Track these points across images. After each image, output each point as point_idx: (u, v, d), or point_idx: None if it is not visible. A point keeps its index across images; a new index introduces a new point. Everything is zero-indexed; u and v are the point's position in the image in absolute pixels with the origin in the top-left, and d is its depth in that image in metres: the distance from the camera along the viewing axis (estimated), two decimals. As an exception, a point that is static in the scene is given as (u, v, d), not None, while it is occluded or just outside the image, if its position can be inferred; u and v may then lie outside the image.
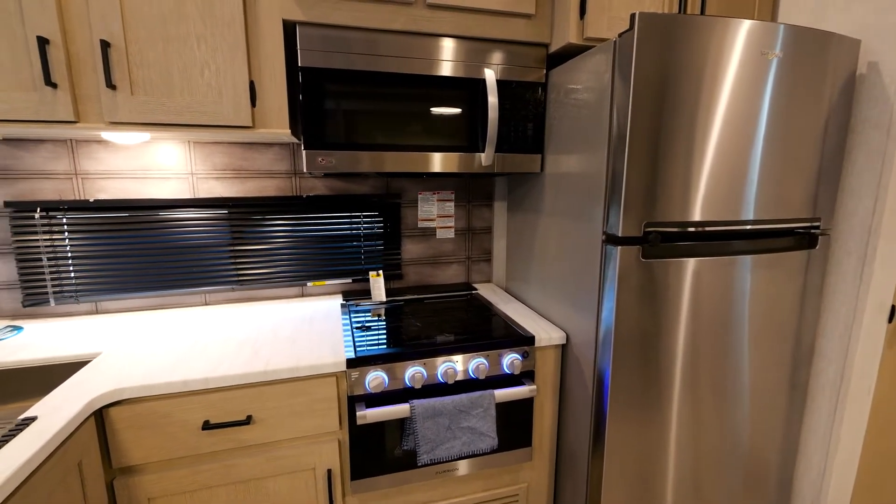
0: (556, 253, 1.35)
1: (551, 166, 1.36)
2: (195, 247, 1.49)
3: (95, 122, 1.04)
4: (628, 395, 1.16)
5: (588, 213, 1.17)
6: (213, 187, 1.49)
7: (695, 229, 1.11)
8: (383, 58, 1.21)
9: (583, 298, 1.21)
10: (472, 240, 1.81)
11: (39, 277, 1.37)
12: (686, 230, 1.10)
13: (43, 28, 0.96)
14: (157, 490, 1.02)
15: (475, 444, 1.18)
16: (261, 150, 1.51)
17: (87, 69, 1.01)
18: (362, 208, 1.65)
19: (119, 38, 1.01)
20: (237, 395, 1.04)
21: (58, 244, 1.37)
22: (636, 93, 0.99)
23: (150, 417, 0.99)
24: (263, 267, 1.58)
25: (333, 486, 1.15)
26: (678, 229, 1.09)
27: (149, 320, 1.39)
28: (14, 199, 1.33)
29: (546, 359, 1.30)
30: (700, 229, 1.11)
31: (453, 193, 1.76)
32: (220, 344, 1.19)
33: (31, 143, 1.32)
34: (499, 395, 1.19)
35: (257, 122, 1.15)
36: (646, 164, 1.03)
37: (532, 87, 1.35)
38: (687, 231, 1.10)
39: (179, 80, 1.07)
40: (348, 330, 1.29)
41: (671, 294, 1.12)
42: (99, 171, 1.38)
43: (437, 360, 1.18)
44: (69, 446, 0.85)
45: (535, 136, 1.38)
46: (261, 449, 1.09)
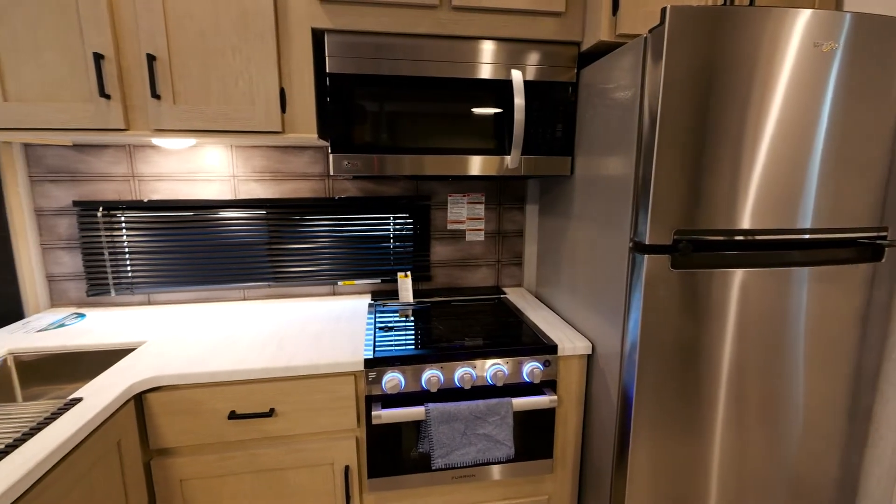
0: (585, 259, 1.30)
1: (581, 169, 1.31)
2: (236, 245, 1.59)
3: (143, 129, 1.13)
4: (658, 412, 1.10)
5: (616, 218, 1.12)
6: (252, 189, 1.58)
7: (742, 238, 1.02)
8: (409, 62, 1.22)
9: (609, 308, 1.16)
10: (503, 243, 1.79)
11: (101, 270, 1.52)
12: (731, 239, 1.02)
13: (98, 45, 1.06)
14: (188, 472, 1.09)
15: (491, 452, 1.16)
16: (296, 154, 1.57)
17: (136, 81, 1.10)
18: (392, 210, 1.67)
19: (163, 52, 1.09)
20: (261, 388, 1.09)
21: (116, 240, 1.51)
22: (667, 92, 0.93)
23: (184, 404, 1.06)
24: (297, 265, 1.64)
25: (351, 482, 1.18)
26: (722, 238, 1.02)
27: (192, 312, 1.49)
28: (81, 199, 1.47)
29: (570, 369, 1.26)
30: (748, 238, 1.03)
31: (483, 196, 1.74)
32: (251, 338, 1.25)
33: (96, 148, 1.46)
34: (517, 404, 1.17)
35: (287, 128, 1.20)
36: (679, 167, 0.97)
37: (562, 87, 1.30)
38: (732, 240, 1.02)
39: (216, 90, 1.14)
40: (371, 330, 1.32)
41: (712, 307, 1.04)
42: (153, 173, 1.51)
43: (454, 365, 1.17)
44: (109, 426, 0.93)
45: (564, 137, 1.34)
46: (283, 441, 1.14)
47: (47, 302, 1.52)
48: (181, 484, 1.10)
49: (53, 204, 1.47)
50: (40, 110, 1.07)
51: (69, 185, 1.47)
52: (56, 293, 1.52)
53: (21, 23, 1.03)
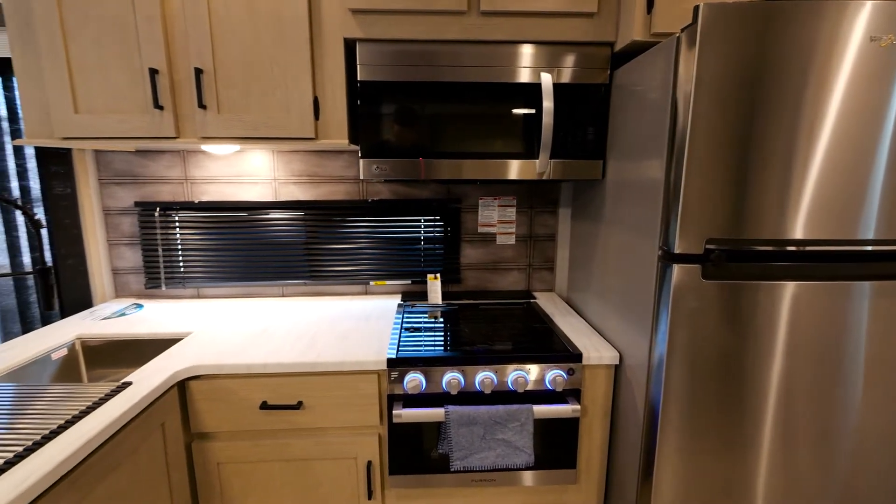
0: (615, 266, 1.26)
1: (613, 173, 1.27)
2: (276, 244, 1.68)
3: (191, 136, 1.23)
4: (689, 428, 1.05)
5: (646, 225, 1.07)
6: (292, 191, 1.66)
7: (795, 248, 0.96)
8: (438, 68, 1.24)
9: (638, 318, 1.12)
10: (535, 247, 1.76)
11: (157, 265, 1.66)
12: (782, 249, 0.95)
13: (154, 61, 1.16)
14: (224, 456, 1.18)
15: (510, 458, 1.16)
16: (332, 158, 1.64)
17: (185, 93, 1.20)
18: (423, 212, 1.70)
19: (209, 66, 1.18)
20: (290, 382, 1.15)
21: (170, 238, 1.64)
22: (700, 93, 0.88)
23: (221, 393, 1.14)
24: (332, 265, 1.71)
25: (373, 477, 1.22)
26: (769, 248, 0.95)
27: (234, 307, 1.59)
28: (141, 200, 1.62)
29: (596, 378, 1.23)
30: (799, 248, 0.96)
31: (514, 199, 1.73)
32: (285, 333, 1.32)
33: (155, 153, 1.60)
34: (538, 411, 1.15)
35: (320, 134, 1.26)
36: (714, 172, 0.92)
37: (594, 89, 1.27)
38: (781, 251, 0.96)
39: (255, 99, 1.21)
40: (397, 330, 1.35)
41: (756, 322, 0.98)
42: (203, 176, 1.62)
43: (476, 369, 1.18)
44: (154, 409, 1.01)
45: (596, 141, 1.30)
46: (310, 433, 1.20)
47: (112, 292, 1.68)
48: (218, 467, 1.18)
49: (118, 204, 1.62)
50: (105, 121, 1.19)
51: (132, 187, 1.61)
52: (119, 285, 1.68)
53: (89, 43, 1.15)
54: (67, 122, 1.18)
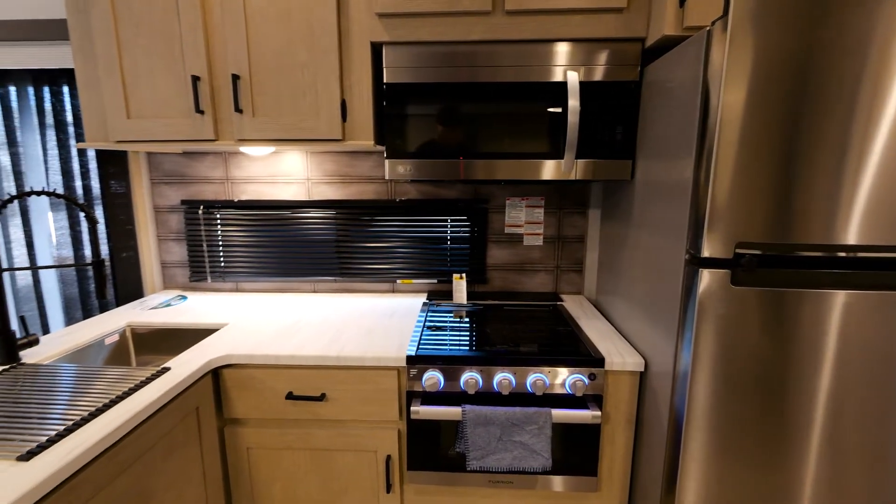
0: (643, 270, 1.22)
1: (642, 174, 1.23)
2: (309, 241, 1.74)
3: (228, 139, 1.31)
4: (716, 443, 1.00)
5: (673, 227, 1.03)
6: (323, 191, 1.72)
7: (846, 255, 0.89)
8: (463, 69, 1.24)
9: (664, 325, 1.08)
10: (563, 248, 1.73)
11: (200, 259, 1.77)
12: (832, 255, 0.89)
13: (196, 68, 1.24)
14: (253, 442, 1.24)
15: (526, 461, 1.15)
16: (362, 159, 1.68)
17: (224, 98, 1.28)
18: (450, 212, 1.71)
19: (245, 72, 1.24)
20: (314, 374, 1.19)
21: (212, 234, 1.74)
22: (731, 88, 0.84)
23: (250, 381, 1.20)
24: (361, 262, 1.76)
25: (392, 471, 1.24)
26: (819, 254, 0.89)
27: (269, 301, 1.67)
28: (187, 199, 1.73)
29: (619, 385, 1.19)
30: (851, 255, 0.89)
31: (543, 200, 1.70)
32: (312, 327, 1.38)
33: (200, 155, 1.71)
34: (556, 416, 1.14)
35: (347, 135, 1.30)
36: (747, 173, 0.87)
37: (623, 87, 1.23)
38: (831, 257, 0.89)
39: (287, 103, 1.27)
40: (419, 328, 1.37)
41: (796, 332, 0.92)
42: (242, 176, 1.72)
43: (494, 369, 1.17)
44: (189, 394, 1.09)
45: (625, 140, 1.26)
46: (332, 424, 1.24)
47: (161, 284, 1.81)
48: (248, 452, 1.25)
49: (167, 202, 1.75)
50: (153, 125, 1.29)
51: (179, 187, 1.73)
52: (167, 277, 1.80)
53: (140, 53, 1.25)
54: (121, 127, 1.29)
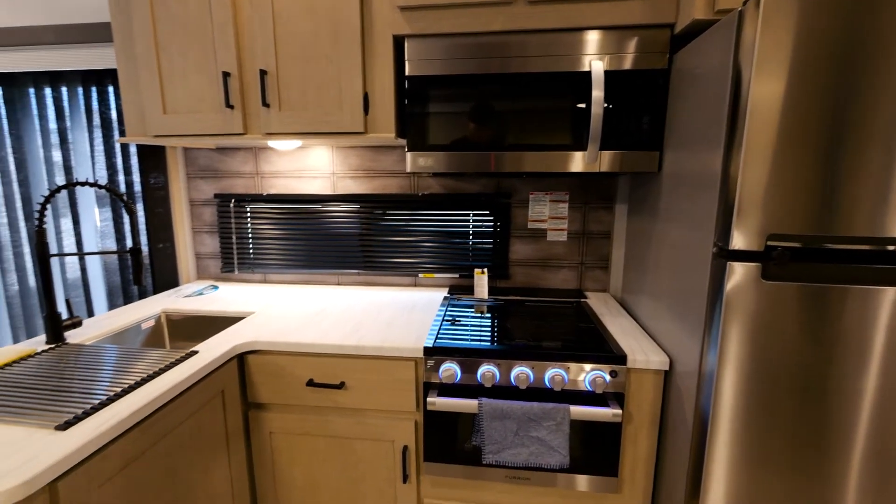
0: (669, 265, 1.17)
1: (670, 165, 1.18)
2: (334, 235, 1.78)
3: (256, 133, 1.35)
4: (744, 447, 0.95)
5: (701, 219, 0.99)
6: (348, 185, 1.75)
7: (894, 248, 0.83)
8: (485, 60, 1.23)
9: (690, 322, 1.03)
10: (587, 244, 1.69)
11: (231, 251, 1.84)
12: (881, 249, 0.84)
13: (227, 64, 1.29)
14: (276, 426, 1.28)
15: (543, 458, 1.13)
16: (385, 153, 1.70)
17: (252, 93, 1.32)
18: (473, 207, 1.71)
19: (272, 66, 1.28)
20: (334, 362, 1.22)
21: (242, 227, 1.81)
22: (762, 72, 0.80)
23: (273, 367, 1.24)
24: (384, 256, 1.78)
25: (408, 462, 1.25)
26: (867, 247, 0.84)
27: (294, 292, 1.72)
28: (220, 192, 1.80)
29: (643, 383, 1.15)
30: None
31: (567, 194, 1.67)
32: (334, 317, 1.40)
33: (232, 150, 1.77)
34: (575, 412, 1.11)
35: (369, 128, 1.31)
36: (780, 160, 0.83)
37: (651, 75, 1.19)
38: (880, 251, 0.84)
39: (312, 97, 1.30)
40: (438, 321, 1.37)
41: (836, 331, 0.87)
42: (271, 171, 1.77)
43: (512, 363, 1.16)
44: (215, 377, 1.13)
45: (652, 130, 1.22)
46: (351, 413, 1.26)
47: (195, 274, 1.89)
48: (270, 436, 1.29)
49: (201, 196, 1.83)
50: (186, 120, 1.35)
51: (212, 181, 1.80)
52: (201, 268, 1.89)
53: (176, 51, 1.31)
54: (157, 122, 1.36)
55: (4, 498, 0.65)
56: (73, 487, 0.75)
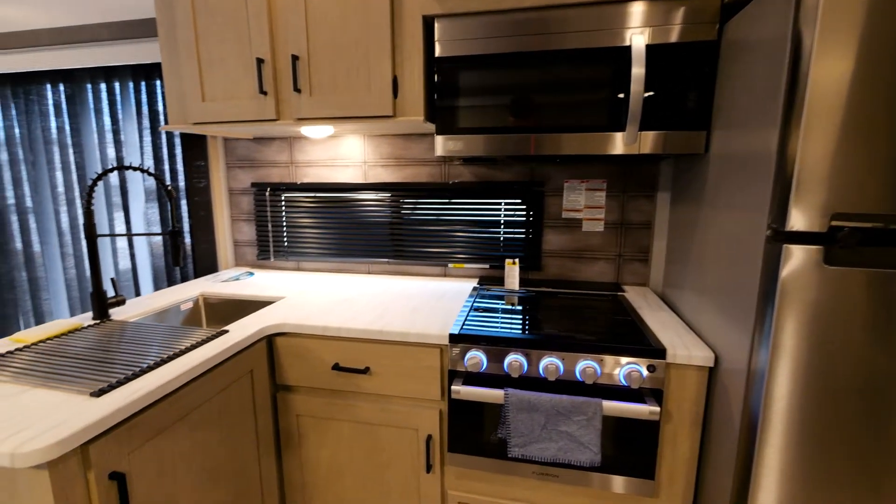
0: (715, 253, 1.08)
1: (718, 146, 1.09)
2: (365, 224, 1.78)
3: (288, 118, 1.37)
4: (798, 453, 0.86)
5: (753, 202, 0.90)
6: (379, 173, 1.75)
7: None
8: (517, 38, 1.19)
9: (738, 313, 0.94)
10: (626, 235, 1.60)
11: (266, 239, 1.88)
12: None
13: (261, 51, 1.31)
14: (302, 409, 1.29)
15: (573, 454, 1.07)
16: (416, 141, 1.68)
17: (284, 79, 1.34)
18: (504, 195, 1.66)
19: (304, 52, 1.29)
20: (359, 347, 1.21)
21: (277, 215, 1.85)
22: (825, 42, 0.71)
23: (300, 350, 1.25)
24: (414, 245, 1.76)
25: (432, 451, 1.23)
26: None
27: (325, 279, 1.74)
28: (256, 182, 1.85)
29: (684, 380, 1.07)
30: None
31: (605, 182, 1.59)
32: (361, 305, 1.40)
33: (268, 140, 1.82)
34: (608, 407, 1.04)
35: (398, 112, 1.30)
36: (846, 131, 0.74)
37: (699, 48, 1.10)
38: None
39: (341, 81, 1.30)
40: (466, 310, 1.34)
41: None
42: (305, 160, 1.80)
43: (540, 353, 1.11)
44: (244, 356, 1.15)
45: (698, 108, 1.13)
46: (376, 399, 1.25)
47: (233, 261, 1.95)
48: (297, 419, 1.30)
49: (239, 185, 1.88)
50: (223, 107, 1.39)
51: (249, 170, 1.86)
52: (238, 255, 1.95)
53: (214, 40, 1.35)
54: (197, 109, 1.40)
55: (40, 455, 0.68)
56: (104, 452, 0.78)
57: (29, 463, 0.67)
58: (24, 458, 0.67)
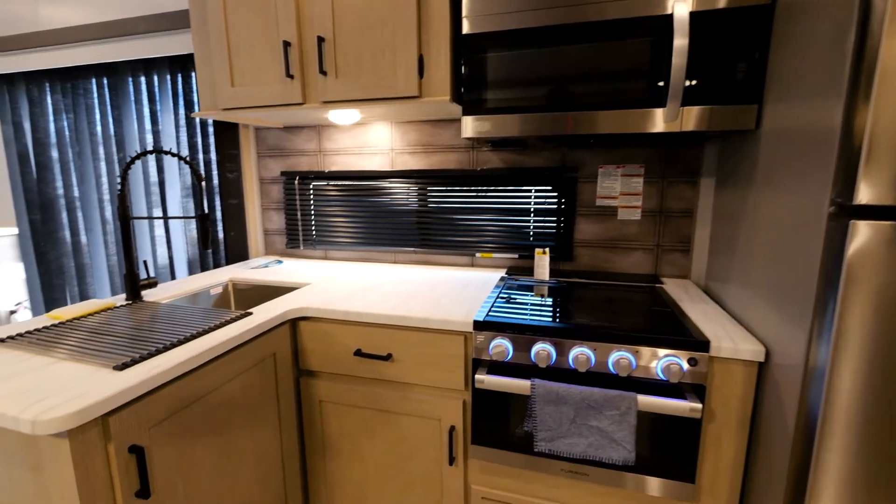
0: (766, 241, 0.98)
1: (773, 119, 0.99)
2: (391, 212, 1.76)
3: (314, 102, 1.36)
4: (864, 460, 0.76)
5: (812, 177, 0.80)
6: (406, 161, 1.72)
7: None
8: (549, 10, 1.13)
9: (793, 303, 0.85)
10: (665, 224, 1.51)
11: (295, 227, 1.89)
12: None
13: (287, 34, 1.31)
14: (325, 395, 1.27)
15: (604, 451, 1.00)
16: (444, 127, 1.65)
17: (310, 62, 1.33)
18: (535, 182, 1.60)
19: (329, 34, 1.28)
20: (381, 333, 1.18)
21: (305, 204, 1.86)
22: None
23: (322, 335, 1.24)
24: (440, 234, 1.73)
25: (455, 443, 1.18)
26: None
27: (351, 268, 1.73)
28: (286, 170, 1.87)
29: (730, 375, 0.98)
30: None
31: (642, 167, 1.50)
32: (385, 290, 1.38)
33: (297, 129, 1.83)
34: (643, 403, 0.97)
35: (423, 92, 1.26)
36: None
37: (750, 13, 1.01)
38: None
39: (367, 62, 1.27)
40: (492, 298, 1.29)
41: None
42: (333, 148, 1.80)
43: (570, 343, 1.04)
44: (267, 339, 1.15)
45: (749, 79, 1.03)
46: (397, 387, 1.22)
47: (263, 250, 1.98)
48: (320, 405, 1.29)
49: (270, 174, 1.90)
50: (251, 92, 1.40)
51: (279, 159, 1.87)
52: (268, 244, 1.97)
53: (242, 25, 1.36)
54: (226, 95, 1.42)
55: (59, 424, 0.69)
56: (124, 425, 0.78)
57: (48, 430, 0.68)
58: (44, 426, 0.68)
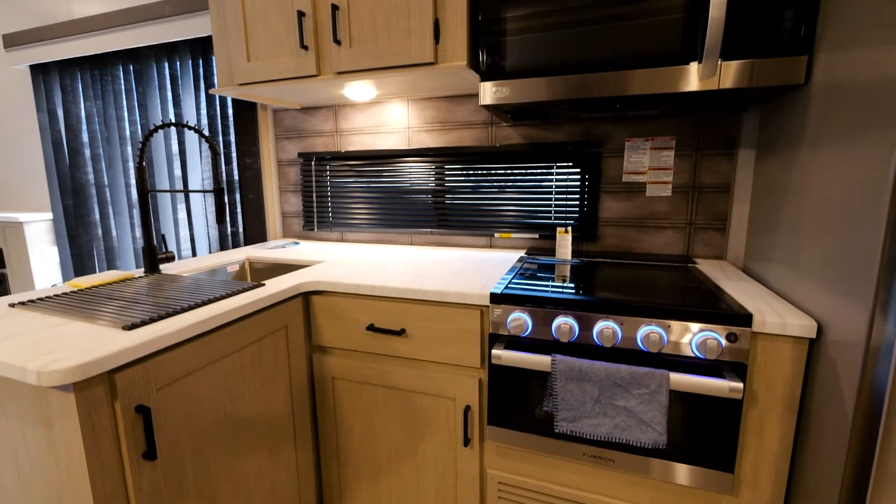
0: (817, 207, 0.89)
1: (825, 72, 0.89)
2: (408, 192, 1.72)
3: (328, 73, 1.33)
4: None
5: (873, 134, 0.71)
6: (423, 139, 1.68)
7: None
8: (572, -34, 1.06)
9: (851, 274, 0.75)
10: (698, 200, 1.41)
11: (311, 210, 1.88)
12: None
13: (302, 3, 1.28)
14: (337, 372, 1.24)
15: (632, 433, 0.92)
16: (461, 102, 1.59)
17: (325, 32, 1.30)
18: (557, 158, 1.52)
19: (344, 1, 1.24)
20: (395, 307, 1.14)
21: (321, 185, 1.84)
22: None
23: (335, 310, 1.20)
24: (458, 214, 1.67)
25: (470, 424, 1.13)
26: None
27: (367, 248, 1.69)
28: (303, 152, 1.85)
29: (775, 353, 0.88)
30: None
31: (674, 140, 1.40)
32: (399, 268, 1.33)
33: (314, 109, 1.81)
34: (676, 381, 0.89)
35: (439, 58, 1.21)
36: None
37: (798, -47, 0.91)
38: None
39: (381, 29, 1.23)
40: (510, 273, 1.22)
41: None
42: (349, 128, 1.77)
43: (594, 317, 0.97)
44: (279, 310, 1.12)
45: (796, 28, 0.94)
46: (411, 364, 1.17)
47: (280, 232, 1.97)
48: (333, 382, 1.26)
49: (287, 156, 1.89)
50: (266, 65, 1.38)
51: (296, 141, 1.86)
52: (286, 226, 1.96)
53: (258, -4, 1.35)
54: (242, 69, 1.41)
55: (62, 376, 0.67)
56: (130, 383, 0.76)
57: (52, 382, 0.66)
58: (49, 377, 0.66)
